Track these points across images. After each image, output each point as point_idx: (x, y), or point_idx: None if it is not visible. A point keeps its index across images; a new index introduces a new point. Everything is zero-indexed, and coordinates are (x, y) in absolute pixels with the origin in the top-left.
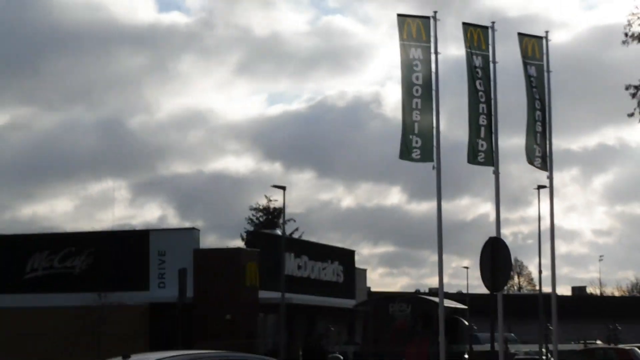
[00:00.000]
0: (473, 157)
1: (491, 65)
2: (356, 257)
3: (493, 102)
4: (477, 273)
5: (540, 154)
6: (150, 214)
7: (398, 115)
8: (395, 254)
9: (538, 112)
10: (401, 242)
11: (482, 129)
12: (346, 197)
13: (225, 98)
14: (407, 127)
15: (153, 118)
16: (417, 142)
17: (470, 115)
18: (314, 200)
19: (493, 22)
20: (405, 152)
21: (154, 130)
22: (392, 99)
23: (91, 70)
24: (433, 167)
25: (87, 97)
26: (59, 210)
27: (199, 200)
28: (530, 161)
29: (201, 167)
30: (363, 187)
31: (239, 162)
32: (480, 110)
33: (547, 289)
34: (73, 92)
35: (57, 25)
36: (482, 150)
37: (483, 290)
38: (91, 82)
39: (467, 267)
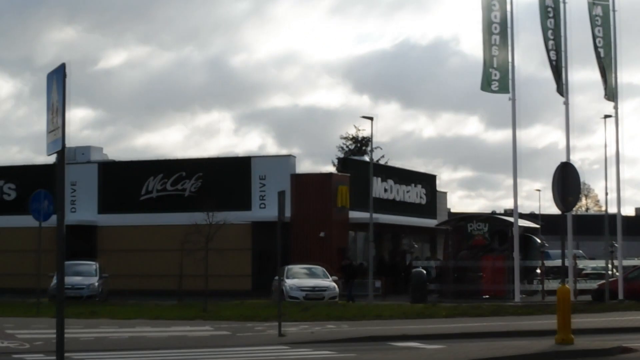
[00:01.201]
0: (559, 87)
1: (561, 4)
2: (437, 181)
3: (563, 39)
4: (549, 195)
5: (608, 86)
6: (252, 142)
7: (475, 52)
8: (473, 178)
9: (600, 49)
10: (478, 167)
11: (554, 63)
12: (428, 127)
13: (318, 38)
14: (487, 62)
15: (253, 57)
16: (495, 75)
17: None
18: (399, 129)
19: None
20: (486, 84)
21: (255, 68)
22: (468, 37)
23: (199, 15)
24: (509, 99)
25: (196, 39)
26: (171, 139)
27: (295, 130)
28: (606, 94)
29: (297, 101)
30: (443, 117)
31: (330, 96)
32: (550, 47)
33: (612, 209)
34: (183, 34)
35: None
36: (564, 82)
37: (554, 210)
38: (199, 25)
39: (539, 190)
